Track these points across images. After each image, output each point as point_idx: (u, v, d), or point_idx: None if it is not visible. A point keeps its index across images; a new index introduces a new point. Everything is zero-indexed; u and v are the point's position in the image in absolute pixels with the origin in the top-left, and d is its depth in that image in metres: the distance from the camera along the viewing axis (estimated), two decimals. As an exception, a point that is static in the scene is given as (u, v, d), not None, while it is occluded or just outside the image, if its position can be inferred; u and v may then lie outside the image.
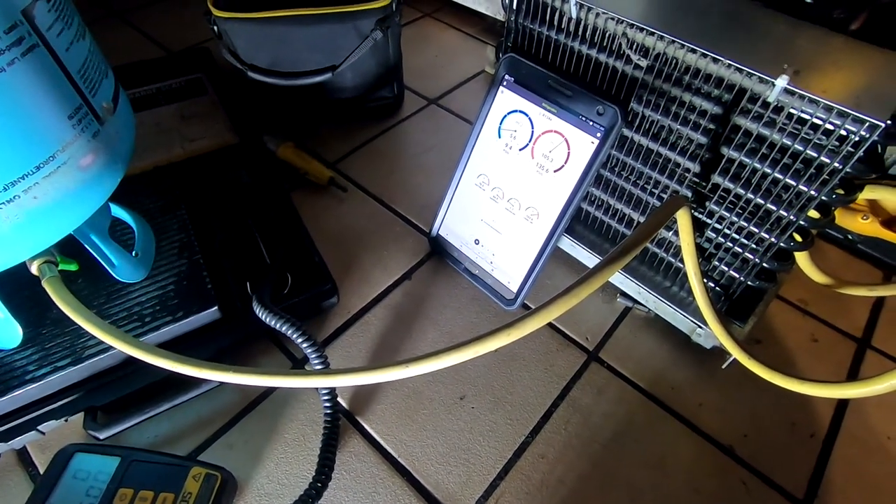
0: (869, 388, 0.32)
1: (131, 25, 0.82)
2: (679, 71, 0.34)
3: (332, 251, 0.51)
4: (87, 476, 0.34)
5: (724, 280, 0.41)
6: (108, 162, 0.32)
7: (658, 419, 0.42)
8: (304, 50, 0.57)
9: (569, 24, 0.38)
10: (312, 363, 0.39)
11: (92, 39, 0.32)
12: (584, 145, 0.40)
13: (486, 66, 0.74)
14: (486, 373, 0.44)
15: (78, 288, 0.41)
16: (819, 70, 0.30)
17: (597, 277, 0.29)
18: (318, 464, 0.37)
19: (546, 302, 0.28)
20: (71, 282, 0.40)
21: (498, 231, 0.47)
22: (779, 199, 0.34)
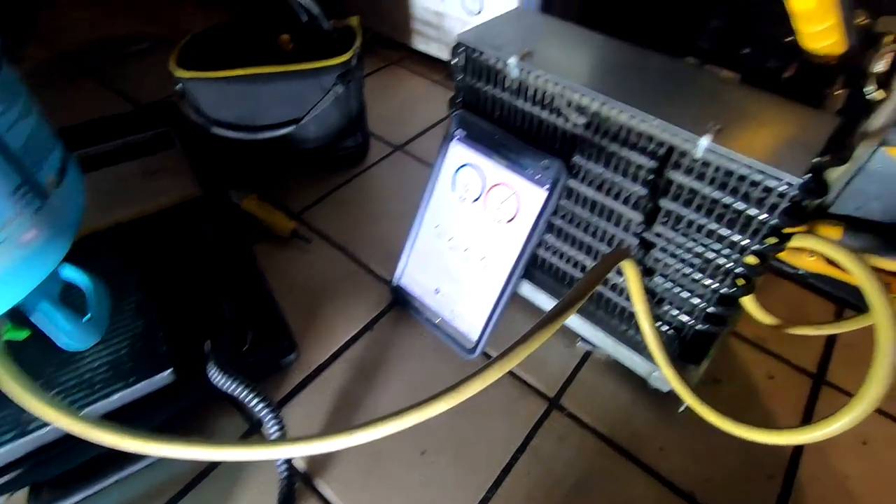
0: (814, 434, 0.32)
1: (101, 82, 0.83)
2: (614, 128, 0.36)
3: (295, 304, 0.51)
4: (26, 559, 0.32)
5: (675, 324, 0.42)
6: (53, 235, 0.32)
7: (619, 466, 0.41)
8: (268, 105, 0.59)
9: (511, 84, 0.40)
10: (267, 428, 0.38)
11: (39, 116, 0.33)
12: (533, 197, 0.41)
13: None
14: (447, 425, 0.43)
15: (27, 356, 0.40)
16: (743, 127, 0.32)
17: (541, 333, 0.29)
18: (274, 532, 0.36)
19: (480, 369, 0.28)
20: (20, 350, 0.40)
21: (456, 280, 0.47)
22: (715, 249, 0.35)
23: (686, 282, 0.39)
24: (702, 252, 0.36)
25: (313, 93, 0.59)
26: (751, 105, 0.34)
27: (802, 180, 0.29)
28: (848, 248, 0.42)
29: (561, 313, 0.30)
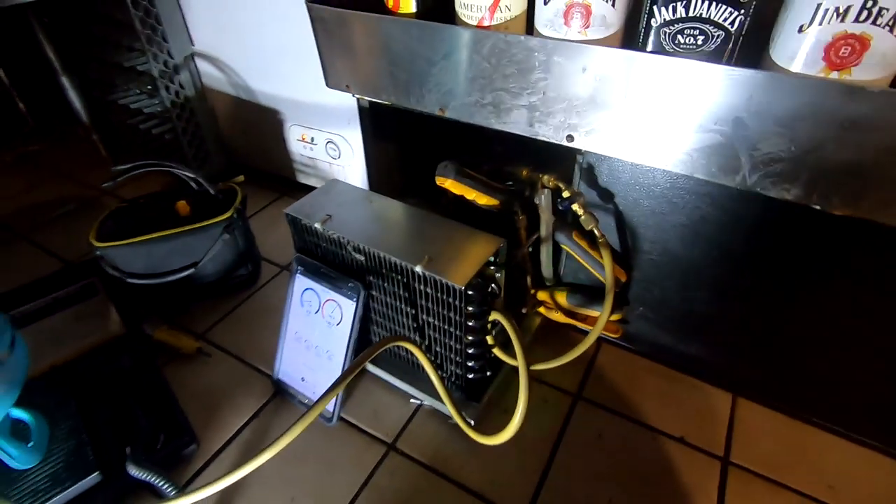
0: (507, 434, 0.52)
1: (34, 244, 1.00)
2: (380, 261, 0.58)
3: (198, 407, 0.67)
4: None
5: (454, 377, 0.62)
6: (7, 389, 0.48)
7: (433, 484, 0.59)
8: (171, 256, 0.78)
9: (321, 237, 0.61)
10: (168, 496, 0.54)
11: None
12: (349, 306, 0.62)
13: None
14: (312, 476, 0.60)
15: (-15, 480, 0.54)
16: (444, 255, 0.54)
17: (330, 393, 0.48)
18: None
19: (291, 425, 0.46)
20: (-21, 477, 0.54)
21: (313, 369, 0.66)
22: (450, 325, 0.56)
23: (448, 348, 0.59)
24: (446, 328, 0.57)
25: (206, 242, 0.79)
26: (454, 238, 0.57)
27: (465, 286, 0.51)
28: (572, 303, 0.65)
29: (342, 380, 0.49)
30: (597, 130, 0.45)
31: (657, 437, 0.64)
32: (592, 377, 0.71)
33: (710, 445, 0.62)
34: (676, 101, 0.40)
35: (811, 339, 0.58)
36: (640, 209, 0.59)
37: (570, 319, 0.70)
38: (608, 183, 0.59)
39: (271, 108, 1.02)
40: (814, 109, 0.35)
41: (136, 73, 1.05)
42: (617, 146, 0.46)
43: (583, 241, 0.62)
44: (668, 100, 0.40)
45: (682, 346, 0.67)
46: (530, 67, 0.45)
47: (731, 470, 0.60)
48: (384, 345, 0.54)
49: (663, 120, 0.42)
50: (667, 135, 0.42)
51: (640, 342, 0.71)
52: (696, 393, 0.69)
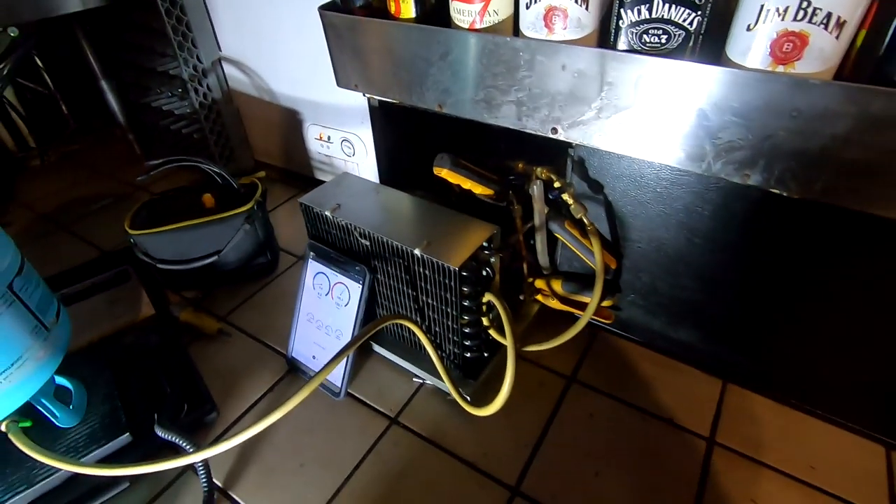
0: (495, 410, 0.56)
1: (75, 235, 1.08)
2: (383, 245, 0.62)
3: (219, 381, 0.73)
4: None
5: (452, 355, 0.67)
6: (53, 353, 0.55)
7: (432, 455, 0.64)
8: (196, 244, 0.84)
9: (331, 224, 0.67)
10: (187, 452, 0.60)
11: (43, 284, 0.57)
12: (356, 289, 0.67)
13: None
14: (321, 444, 0.65)
15: (32, 436, 0.61)
16: (442, 239, 0.59)
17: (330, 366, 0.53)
18: (199, 526, 0.56)
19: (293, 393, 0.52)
20: (27, 433, 0.61)
21: (324, 348, 0.71)
22: (447, 305, 0.61)
23: (446, 328, 0.64)
24: (444, 308, 0.62)
25: (228, 232, 0.85)
26: (452, 225, 0.61)
27: (459, 267, 0.55)
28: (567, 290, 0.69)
29: (342, 353, 0.54)
30: (578, 123, 0.49)
31: (646, 419, 0.67)
32: (587, 362, 0.74)
33: (696, 426, 0.65)
34: (646, 94, 0.44)
35: (794, 325, 0.60)
36: (627, 199, 0.62)
37: (566, 306, 0.74)
38: (598, 175, 0.63)
39: (291, 108, 1.08)
40: (766, 100, 0.38)
41: (168, 77, 1.13)
42: (595, 137, 0.50)
43: (574, 230, 0.66)
44: (639, 93, 0.44)
45: (672, 333, 0.70)
46: (516, 66, 0.49)
47: (715, 449, 0.63)
48: (384, 321, 0.59)
49: (635, 112, 0.45)
50: (638, 126, 0.46)
51: (633, 329, 0.75)
52: (687, 378, 0.71)
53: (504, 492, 0.60)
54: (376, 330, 0.58)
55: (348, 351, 0.55)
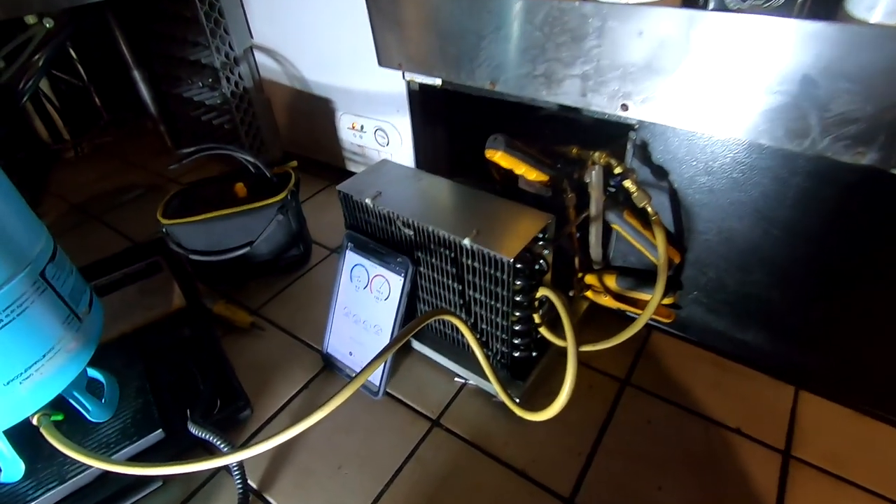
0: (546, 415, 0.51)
1: (106, 225, 1.07)
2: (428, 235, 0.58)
3: (252, 376, 0.70)
4: (68, 561, 0.50)
5: (500, 355, 0.62)
6: (85, 344, 0.53)
7: (477, 460, 0.59)
8: (229, 234, 0.82)
9: (371, 213, 0.63)
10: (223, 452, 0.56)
11: (77, 273, 0.55)
12: (397, 282, 0.63)
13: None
14: (359, 446, 0.62)
15: (63, 431, 0.59)
16: (490, 228, 0.54)
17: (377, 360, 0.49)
18: (234, 530, 0.53)
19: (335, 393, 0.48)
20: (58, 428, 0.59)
21: (361, 343, 0.68)
22: (497, 300, 0.56)
23: (494, 324, 0.59)
24: (493, 304, 0.57)
25: (261, 223, 0.82)
26: (502, 213, 0.57)
27: (514, 258, 0.51)
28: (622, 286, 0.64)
29: (389, 348, 0.50)
30: (653, 98, 0.44)
31: (710, 427, 0.61)
32: (641, 364, 0.69)
33: (769, 438, 0.59)
34: (741, 61, 0.38)
35: (880, 328, 0.54)
36: (696, 186, 0.57)
37: (620, 304, 0.69)
38: (662, 160, 0.58)
39: (323, 97, 1.05)
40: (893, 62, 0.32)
41: (199, 67, 1.11)
42: (675, 114, 0.44)
43: (635, 221, 0.61)
44: (732, 61, 0.39)
45: (737, 334, 0.64)
46: (584, 34, 0.44)
47: (792, 464, 0.57)
48: (429, 317, 0.55)
49: (725, 83, 0.40)
50: (729, 99, 0.40)
51: (692, 329, 0.69)
52: (753, 383, 0.65)
53: (557, 503, 0.55)
54: (422, 326, 0.54)
55: (393, 348, 0.51)
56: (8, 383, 0.45)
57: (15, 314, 0.45)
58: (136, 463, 0.49)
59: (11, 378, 0.46)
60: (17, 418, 0.49)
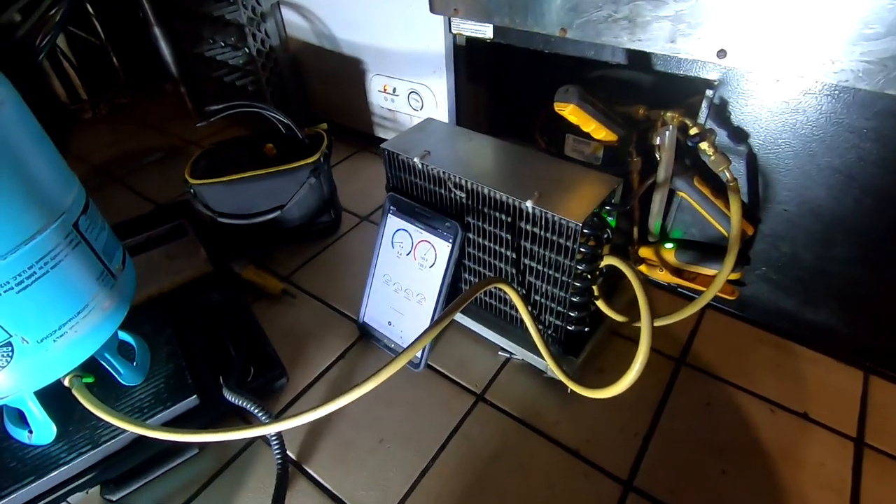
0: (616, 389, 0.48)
1: (128, 187, 1.04)
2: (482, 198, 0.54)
3: (286, 344, 0.67)
4: (104, 528, 0.47)
5: (552, 327, 0.58)
6: (120, 303, 0.49)
7: (526, 437, 0.56)
8: (258, 197, 0.78)
9: (418, 173, 0.59)
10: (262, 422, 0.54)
11: (109, 228, 0.51)
12: (444, 248, 0.59)
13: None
14: (401, 419, 0.59)
15: (95, 394, 0.56)
16: (554, 191, 0.50)
17: (427, 335, 0.46)
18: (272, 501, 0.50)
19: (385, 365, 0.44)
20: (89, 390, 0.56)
21: (402, 313, 0.64)
22: (556, 269, 0.52)
23: (550, 295, 0.55)
24: (551, 273, 0.53)
25: (292, 186, 0.78)
26: (564, 175, 0.52)
27: (582, 223, 0.46)
28: (681, 260, 0.59)
29: (441, 320, 0.46)
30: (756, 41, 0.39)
31: (776, 411, 0.57)
32: (697, 343, 0.65)
33: (839, 424, 0.56)
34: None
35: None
36: (779, 151, 0.52)
37: (677, 279, 0.64)
38: (742, 120, 0.53)
39: (354, 57, 1.00)
40: None
41: (223, 24, 1.05)
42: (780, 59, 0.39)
43: (705, 188, 0.56)
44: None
45: (807, 313, 0.60)
46: (682, -32, 0.39)
47: (867, 453, 0.53)
48: (483, 286, 0.51)
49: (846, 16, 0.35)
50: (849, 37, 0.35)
51: (753, 307, 0.65)
52: (817, 366, 0.61)
53: (615, 485, 0.52)
54: (476, 295, 0.50)
55: (448, 318, 0.47)
56: (42, 340, 0.42)
57: (49, 267, 0.42)
58: (172, 428, 0.46)
59: (45, 335, 0.43)
60: (49, 378, 0.46)
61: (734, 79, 0.51)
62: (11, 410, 0.53)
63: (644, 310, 0.46)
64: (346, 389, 0.44)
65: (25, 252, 0.40)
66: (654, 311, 0.47)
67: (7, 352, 0.41)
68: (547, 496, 0.51)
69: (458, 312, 0.47)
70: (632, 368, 0.46)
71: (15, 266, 0.39)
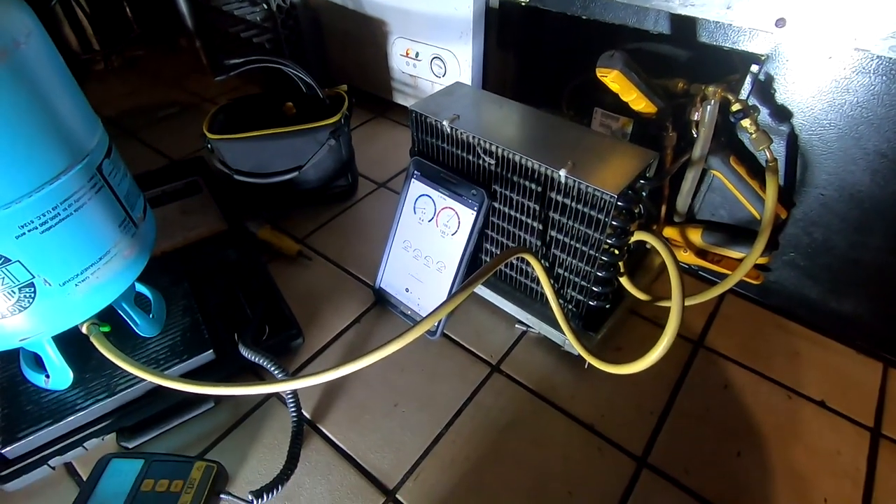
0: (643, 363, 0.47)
1: (141, 141, 1.02)
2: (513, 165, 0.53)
3: (301, 306, 0.67)
4: (120, 474, 0.47)
5: (574, 302, 0.58)
6: (141, 251, 0.49)
7: (541, 410, 0.56)
8: (276, 156, 0.76)
9: (446, 137, 0.57)
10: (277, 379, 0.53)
11: (131, 176, 0.50)
12: (468, 216, 0.58)
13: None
14: (415, 385, 0.58)
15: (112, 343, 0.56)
16: (588, 161, 0.49)
17: (450, 303, 0.45)
18: (287, 459, 0.50)
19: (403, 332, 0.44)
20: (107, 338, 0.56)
21: (420, 281, 0.63)
22: (584, 242, 0.51)
23: (574, 269, 0.55)
24: (578, 246, 0.52)
25: (311, 146, 0.77)
26: (598, 146, 0.51)
27: (618, 194, 0.45)
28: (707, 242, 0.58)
29: (465, 288, 0.45)
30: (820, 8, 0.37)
31: (792, 397, 0.57)
32: (716, 326, 0.65)
33: (856, 414, 0.55)
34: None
35: None
36: (823, 132, 0.50)
37: (700, 260, 0.63)
38: (787, 98, 0.51)
39: (377, 18, 0.97)
40: None
41: (243, -25, 1.02)
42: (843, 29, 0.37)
43: (741, 168, 0.54)
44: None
45: (832, 302, 0.59)
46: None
47: (883, 443, 0.53)
48: (508, 256, 0.50)
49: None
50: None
51: (775, 294, 0.64)
52: (837, 356, 0.61)
53: (629, 461, 0.52)
54: (500, 265, 0.49)
55: (472, 287, 0.46)
56: (64, 284, 0.42)
57: (72, 209, 0.41)
58: (189, 380, 0.46)
59: (67, 279, 0.42)
60: (69, 323, 0.46)
61: (783, 54, 0.49)
62: (28, 355, 0.53)
63: (676, 287, 0.45)
64: (363, 352, 0.44)
65: (50, 192, 0.39)
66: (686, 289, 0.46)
67: (29, 293, 0.40)
68: (561, 468, 0.51)
69: (479, 282, 0.46)
70: (658, 345, 0.45)
71: (39, 206, 0.38)
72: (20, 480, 0.49)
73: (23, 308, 0.41)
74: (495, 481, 0.50)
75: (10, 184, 0.37)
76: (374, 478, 0.51)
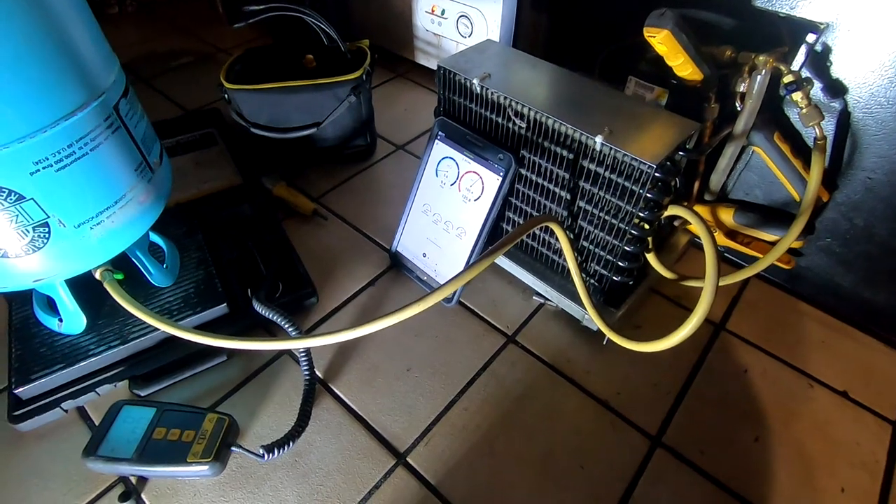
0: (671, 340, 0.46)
1: (155, 89, 1.00)
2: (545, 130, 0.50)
3: (315, 265, 0.66)
4: (132, 420, 0.47)
5: (597, 276, 0.56)
6: (157, 198, 0.47)
7: (555, 383, 0.55)
8: (294, 111, 0.74)
9: (475, 97, 0.54)
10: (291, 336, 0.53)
11: (148, 120, 0.48)
12: (493, 181, 0.56)
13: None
14: (429, 351, 0.58)
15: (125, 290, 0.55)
16: (626, 129, 0.46)
17: (475, 267, 0.43)
18: (298, 416, 0.50)
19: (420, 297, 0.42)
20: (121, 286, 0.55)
21: (439, 246, 0.62)
22: (614, 215, 0.49)
23: (601, 242, 0.53)
24: (608, 219, 0.50)
25: (331, 102, 0.74)
26: (637, 114, 0.48)
27: (657, 165, 0.43)
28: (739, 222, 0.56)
29: (488, 256, 0.44)
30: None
31: (814, 386, 0.56)
32: (738, 310, 0.63)
33: (879, 406, 0.54)
34: None
35: None
36: (878, 111, 0.47)
37: (729, 241, 0.61)
38: (843, 72, 0.47)
39: (404, -30, 0.92)
40: None
41: (266, -82, 0.97)
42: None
43: (785, 145, 0.52)
44: None
45: (865, 292, 0.57)
46: None
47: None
48: (534, 224, 0.48)
49: None
50: None
51: (804, 281, 0.62)
52: (863, 347, 0.59)
53: (643, 439, 0.51)
54: (525, 234, 0.47)
55: (495, 256, 0.44)
56: (79, 226, 0.40)
57: (88, 148, 0.39)
58: (203, 332, 0.45)
59: (82, 221, 0.41)
60: (84, 267, 0.45)
61: (845, 23, 0.45)
62: (42, 297, 0.52)
63: (711, 266, 0.43)
64: (379, 315, 0.43)
65: (65, 128, 0.37)
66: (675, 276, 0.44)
67: (44, 232, 0.39)
68: (573, 442, 0.51)
69: (486, 248, 0.45)
70: (687, 324, 0.44)
71: (54, 142, 0.37)
72: (33, 421, 0.49)
73: (36, 248, 0.40)
74: (506, 451, 0.50)
75: (25, 117, 0.35)
76: (384, 440, 0.50)
